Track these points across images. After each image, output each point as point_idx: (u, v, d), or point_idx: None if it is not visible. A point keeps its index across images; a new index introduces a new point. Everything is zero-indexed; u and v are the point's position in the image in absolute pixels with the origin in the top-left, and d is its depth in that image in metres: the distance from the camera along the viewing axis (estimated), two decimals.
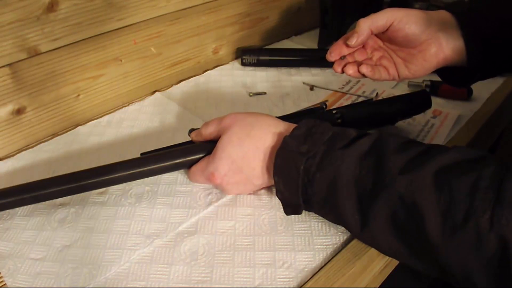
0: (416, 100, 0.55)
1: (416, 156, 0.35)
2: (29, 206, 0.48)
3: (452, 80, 0.53)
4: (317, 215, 0.44)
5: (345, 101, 0.67)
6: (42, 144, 0.59)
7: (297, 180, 0.39)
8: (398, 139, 0.38)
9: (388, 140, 0.38)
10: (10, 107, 0.55)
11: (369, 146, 0.38)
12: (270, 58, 0.77)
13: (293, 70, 0.76)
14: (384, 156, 0.36)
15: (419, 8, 0.89)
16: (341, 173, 0.37)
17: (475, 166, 0.32)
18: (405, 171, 0.34)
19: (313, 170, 0.39)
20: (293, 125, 0.44)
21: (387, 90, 0.68)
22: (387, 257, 0.43)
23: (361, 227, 0.37)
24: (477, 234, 0.30)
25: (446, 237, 0.31)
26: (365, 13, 0.89)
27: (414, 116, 0.59)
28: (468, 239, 0.30)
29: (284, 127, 0.45)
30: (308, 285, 0.39)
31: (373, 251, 0.41)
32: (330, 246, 0.43)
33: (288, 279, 0.40)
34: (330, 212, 0.40)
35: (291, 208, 0.43)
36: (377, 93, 0.67)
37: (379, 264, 0.42)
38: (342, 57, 0.50)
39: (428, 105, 0.55)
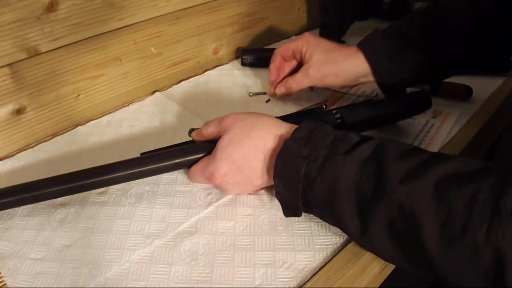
0: (416, 100, 0.55)
1: (416, 165, 0.35)
2: (29, 206, 0.48)
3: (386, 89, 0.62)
4: None
5: (345, 101, 0.67)
6: (42, 144, 0.59)
7: (298, 184, 0.39)
8: (400, 146, 0.38)
9: (390, 147, 0.38)
10: (10, 107, 0.55)
11: (370, 152, 0.38)
12: (270, 58, 0.76)
13: None
14: (385, 164, 0.36)
15: (419, 8, 0.90)
16: (341, 178, 0.37)
17: (475, 177, 0.32)
18: (405, 181, 0.34)
19: (313, 174, 0.39)
20: (293, 126, 0.44)
21: None
22: None
23: (360, 233, 0.38)
24: (474, 246, 0.30)
25: (443, 248, 0.32)
26: (365, 13, 0.90)
27: (414, 116, 0.59)
28: (464, 251, 0.31)
29: (284, 128, 0.45)
30: (308, 285, 0.39)
31: None
32: (330, 246, 0.43)
33: (288, 279, 0.40)
34: (330, 216, 0.41)
35: (290, 210, 0.43)
36: (377, 93, 0.67)
37: (379, 264, 0.42)
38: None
39: (428, 105, 0.55)
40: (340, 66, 0.57)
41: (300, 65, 0.62)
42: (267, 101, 0.67)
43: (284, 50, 0.63)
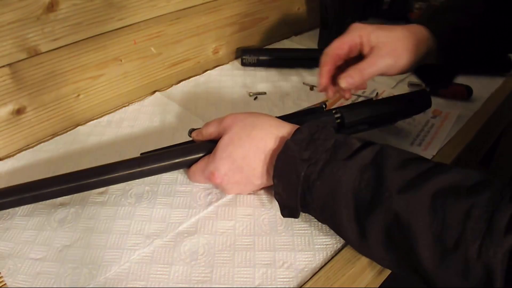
0: (416, 100, 0.55)
1: (415, 176, 0.35)
2: (29, 206, 0.48)
3: (430, 80, 0.56)
4: None
5: (345, 101, 0.67)
6: (42, 144, 0.59)
7: (297, 186, 0.40)
8: (400, 155, 0.38)
9: (390, 155, 0.38)
10: (10, 107, 0.55)
11: (371, 159, 0.38)
12: (270, 58, 0.77)
13: (293, 70, 0.76)
14: (384, 172, 0.36)
15: (419, 8, 0.90)
16: (341, 184, 0.37)
17: (472, 192, 0.33)
18: (403, 190, 0.34)
19: (313, 178, 0.39)
20: (294, 126, 0.44)
21: (387, 90, 0.68)
22: None
23: (357, 238, 0.38)
24: (465, 261, 0.30)
25: (436, 260, 0.32)
26: (365, 13, 0.90)
27: (414, 116, 0.59)
28: (456, 266, 0.31)
29: (285, 128, 0.44)
30: (308, 285, 0.39)
31: None
32: (330, 246, 0.43)
33: (288, 279, 0.40)
34: (328, 220, 0.41)
35: (288, 211, 0.43)
36: (377, 93, 0.67)
37: (379, 265, 0.42)
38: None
39: (428, 105, 0.55)
40: (411, 41, 0.49)
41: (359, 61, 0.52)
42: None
43: (337, 48, 0.51)
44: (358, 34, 0.50)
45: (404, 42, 0.49)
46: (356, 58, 0.52)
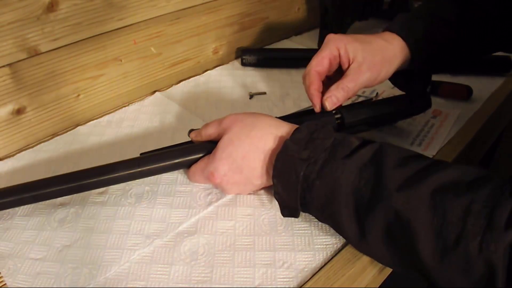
0: (416, 101, 0.55)
1: (414, 173, 0.35)
2: (29, 206, 0.48)
3: (405, 86, 0.56)
4: None
5: (345, 101, 0.66)
6: (42, 144, 0.59)
7: (296, 185, 0.40)
8: (399, 153, 0.38)
9: (389, 153, 0.38)
10: (10, 107, 0.55)
11: (370, 157, 0.38)
12: (270, 58, 0.77)
13: (293, 70, 0.76)
14: (383, 170, 0.36)
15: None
16: (340, 183, 0.37)
17: (471, 188, 0.33)
18: (402, 188, 0.34)
19: (312, 177, 0.39)
20: (294, 126, 0.44)
21: (387, 90, 0.68)
22: None
23: (357, 237, 0.38)
24: (466, 257, 0.30)
25: (437, 256, 0.32)
26: (365, 13, 0.90)
27: (414, 116, 0.59)
28: (457, 262, 0.31)
29: (284, 128, 0.45)
30: (308, 285, 0.39)
31: None
32: (330, 246, 0.43)
33: (288, 279, 0.40)
34: (328, 219, 0.41)
35: (288, 211, 0.43)
36: (377, 93, 0.67)
37: (379, 264, 0.42)
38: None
39: (428, 105, 0.55)
40: (388, 51, 0.50)
41: (339, 74, 0.51)
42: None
43: (318, 65, 0.50)
44: (336, 47, 0.50)
45: (382, 54, 0.49)
46: (338, 69, 0.52)
